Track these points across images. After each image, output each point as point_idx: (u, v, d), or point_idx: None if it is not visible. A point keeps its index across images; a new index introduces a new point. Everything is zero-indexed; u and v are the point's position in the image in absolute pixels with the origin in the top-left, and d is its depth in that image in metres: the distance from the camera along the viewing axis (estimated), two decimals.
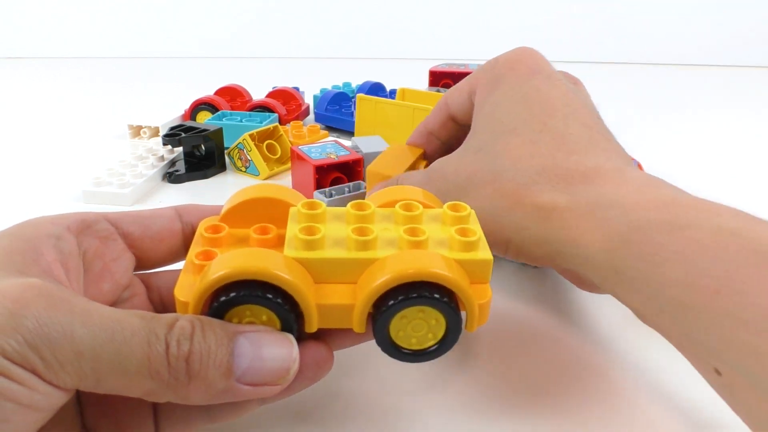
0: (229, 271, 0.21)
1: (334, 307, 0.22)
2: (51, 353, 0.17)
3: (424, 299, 0.21)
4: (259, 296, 0.21)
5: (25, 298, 0.18)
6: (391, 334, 0.22)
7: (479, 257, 0.23)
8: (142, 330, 0.19)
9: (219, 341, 0.20)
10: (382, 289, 0.21)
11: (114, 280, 0.24)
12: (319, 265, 0.22)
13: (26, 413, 0.17)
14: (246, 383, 0.20)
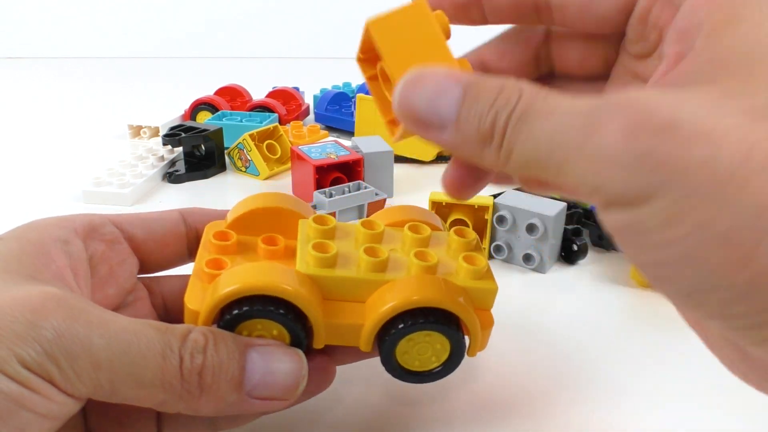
0: (242, 286, 0.21)
1: (344, 326, 0.22)
2: (68, 364, 0.17)
3: (434, 325, 0.22)
4: (272, 311, 0.21)
5: (44, 307, 0.18)
6: (396, 355, 0.23)
7: (486, 286, 0.23)
8: (157, 343, 0.19)
9: (231, 355, 0.20)
10: (391, 314, 0.22)
11: (119, 285, 0.25)
12: (330, 283, 0.23)
13: (42, 422, 0.18)
14: (256, 397, 0.20)
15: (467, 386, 0.29)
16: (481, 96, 0.18)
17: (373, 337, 0.22)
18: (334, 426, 0.27)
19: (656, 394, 0.29)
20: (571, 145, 0.16)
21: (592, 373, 0.30)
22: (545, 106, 0.17)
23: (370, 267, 0.23)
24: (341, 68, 1.20)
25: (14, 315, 0.17)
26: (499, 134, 0.17)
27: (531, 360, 0.31)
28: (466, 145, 0.18)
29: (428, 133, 0.19)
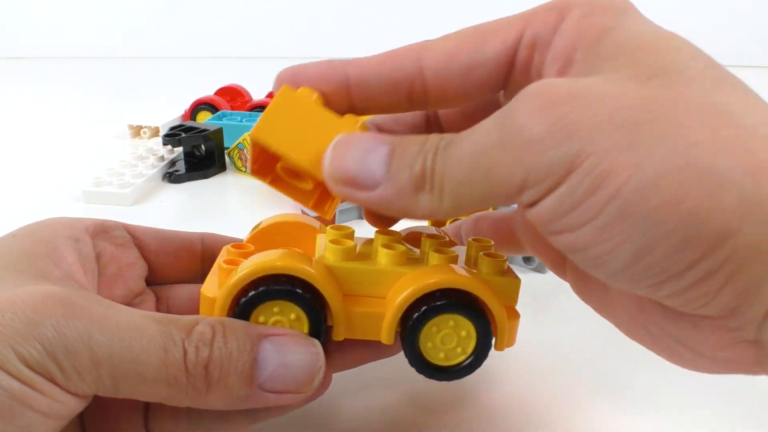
0: (261, 265, 0.21)
1: (364, 315, 0.22)
2: (69, 362, 0.17)
3: (458, 307, 0.21)
4: (289, 291, 0.21)
5: (45, 305, 0.18)
6: (420, 346, 0.22)
7: (509, 279, 0.23)
8: (158, 336, 0.18)
9: (241, 346, 0.19)
10: (415, 296, 0.21)
11: (127, 286, 0.24)
12: (349, 275, 0.22)
13: (46, 421, 0.17)
14: (269, 390, 0.20)
15: (467, 389, 0.29)
16: (409, 148, 0.18)
17: (396, 325, 0.22)
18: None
19: (663, 392, 0.29)
20: (492, 146, 0.16)
21: (597, 374, 0.30)
22: (463, 133, 0.17)
23: (390, 259, 0.22)
24: None
25: (15, 313, 0.17)
26: (430, 174, 0.17)
27: (531, 361, 0.31)
28: (400, 197, 0.18)
29: (361, 192, 0.19)
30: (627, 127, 0.15)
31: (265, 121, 0.21)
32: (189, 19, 1.31)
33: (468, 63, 0.20)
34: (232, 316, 0.21)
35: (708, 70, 0.17)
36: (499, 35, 0.20)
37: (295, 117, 0.21)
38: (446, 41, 0.21)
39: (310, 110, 0.21)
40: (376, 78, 0.21)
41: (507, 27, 0.20)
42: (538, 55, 0.20)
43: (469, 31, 0.21)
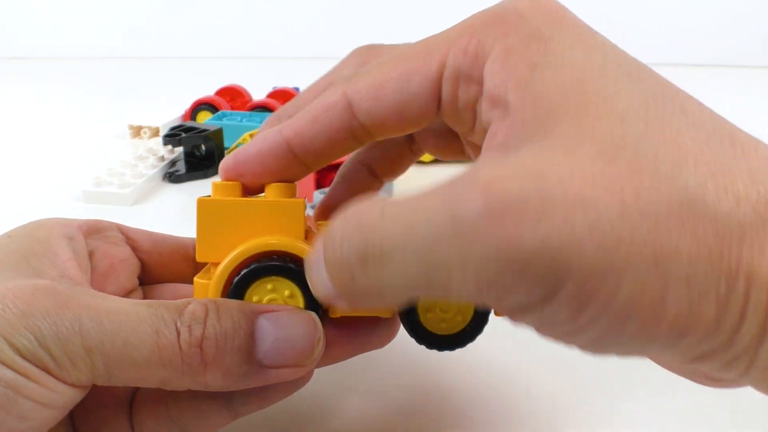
0: (254, 243, 0.21)
1: None
2: (61, 351, 0.17)
3: None
4: (282, 266, 0.21)
5: (35, 297, 0.18)
6: (420, 317, 0.22)
7: None
8: (149, 318, 0.18)
9: (236, 324, 0.19)
10: None
11: (119, 282, 0.25)
12: None
13: (42, 410, 0.18)
14: (269, 365, 0.19)
15: (464, 385, 0.29)
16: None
17: None
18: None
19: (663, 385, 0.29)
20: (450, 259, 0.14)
21: (597, 373, 0.30)
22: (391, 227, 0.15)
23: None
24: None
25: (6, 305, 0.18)
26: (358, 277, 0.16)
27: (531, 361, 0.31)
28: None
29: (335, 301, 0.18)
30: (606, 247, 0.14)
31: (200, 243, 0.21)
32: (189, 19, 1.31)
33: (396, 102, 0.20)
34: (226, 296, 0.21)
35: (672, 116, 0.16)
36: (421, 69, 0.19)
37: (222, 223, 0.21)
38: (373, 80, 0.20)
39: (233, 208, 0.21)
40: (315, 137, 0.21)
41: (426, 58, 0.19)
42: (463, 92, 0.19)
43: (390, 64, 0.20)
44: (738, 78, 1.13)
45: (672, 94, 0.17)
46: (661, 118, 0.16)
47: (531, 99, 0.17)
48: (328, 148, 0.21)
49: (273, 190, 0.22)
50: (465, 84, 0.19)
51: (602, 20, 1.26)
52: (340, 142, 0.21)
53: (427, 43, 0.20)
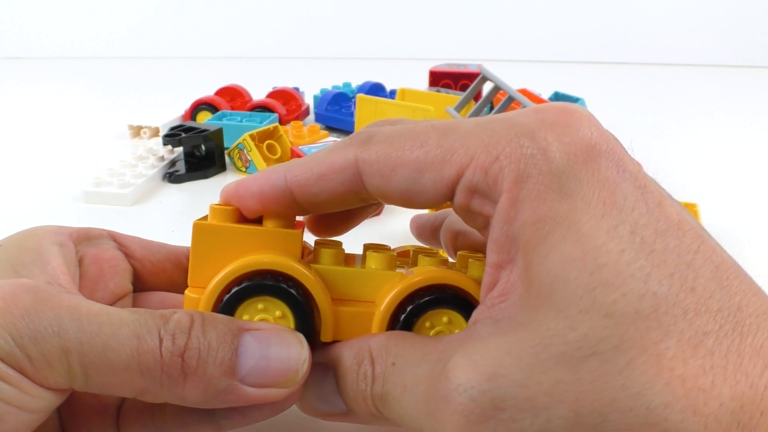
0: (247, 261, 0.20)
1: (353, 314, 0.21)
2: (38, 351, 0.17)
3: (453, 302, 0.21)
4: (273, 286, 0.20)
5: (14, 295, 0.18)
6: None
7: None
8: (131, 323, 0.18)
9: (221, 338, 0.19)
10: (410, 290, 0.21)
11: (108, 289, 0.24)
12: (337, 277, 0.22)
13: (20, 414, 0.17)
14: (250, 384, 0.19)
15: None
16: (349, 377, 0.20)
17: (386, 324, 0.21)
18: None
19: None
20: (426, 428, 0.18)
21: None
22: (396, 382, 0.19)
23: (379, 262, 0.22)
24: (341, 68, 1.20)
25: None
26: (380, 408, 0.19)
27: None
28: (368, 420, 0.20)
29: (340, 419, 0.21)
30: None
31: (193, 266, 0.21)
32: (189, 19, 1.31)
33: (405, 188, 0.19)
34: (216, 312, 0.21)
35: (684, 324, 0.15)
36: (436, 169, 0.19)
37: (218, 248, 0.21)
38: (385, 159, 0.19)
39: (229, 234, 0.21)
40: (321, 192, 0.20)
41: (443, 161, 0.19)
42: (477, 204, 0.19)
43: (407, 144, 0.19)
44: (738, 78, 1.13)
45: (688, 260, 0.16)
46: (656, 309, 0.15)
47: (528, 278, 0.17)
48: (330, 202, 0.21)
49: (272, 219, 0.22)
50: (480, 199, 0.19)
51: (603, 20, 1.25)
52: (345, 200, 0.21)
53: (447, 145, 0.19)
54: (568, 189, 0.17)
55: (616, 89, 1.04)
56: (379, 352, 0.19)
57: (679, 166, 0.61)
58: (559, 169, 0.17)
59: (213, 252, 0.21)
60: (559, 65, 1.23)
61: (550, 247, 0.16)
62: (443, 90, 0.72)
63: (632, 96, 0.98)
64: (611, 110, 0.82)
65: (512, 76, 0.67)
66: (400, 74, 0.98)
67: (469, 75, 0.75)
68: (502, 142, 0.18)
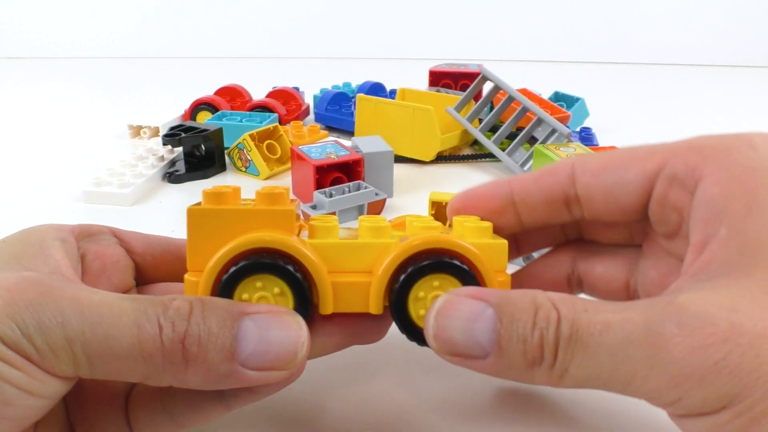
0: (243, 240, 0.21)
1: (350, 285, 0.22)
2: (43, 341, 0.17)
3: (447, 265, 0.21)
4: (270, 263, 0.20)
5: (18, 287, 0.18)
6: (411, 313, 0.22)
7: (494, 241, 0.23)
8: (131, 311, 0.18)
9: (221, 323, 0.19)
10: (404, 256, 0.21)
11: (111, 283, 0.25)
12: (332, 251, 0.22)
13: (27, 399, 0.18)
14: (251, 367, 0.19)
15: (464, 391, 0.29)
16: (518, 316, 0.18)
17: (383, 292, 0.22)
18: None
19: None
20: (638, 360, 0.17)
21: None
22: (594, 321, 0.18)
23: (373, 233, 0.22)
24: (341, 68, 1.20)
25: None
26: (551, 355, 0.18)
27: None
28: (512, 370, 0.19)
29: (470, 361, 0.19)
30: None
31: (191, 252, 0.21)
32: (189, 19, 1.31)
33: (611, 182, 0.22)
34: (215, 295, 0.21)
35: None
36: (640, 163, 0.22)
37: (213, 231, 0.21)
38: (598, 160, 0.23)
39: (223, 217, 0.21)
40: (537, 191, 0.24)
41: (649, 157, 0.22)
42: (674, 193, 0.21)
43: (617, 154, 0.23)
44: (738, 78, 1.13)
45: None
46: None
47: (740, 240, 0.19)
48: (542, 204, 0.24)
49: (262, 197, 0.22)
50: (678, 188, 0.21)
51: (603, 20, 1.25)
52: (554, 203, 0.24)
53: (650, 147, 0.22)
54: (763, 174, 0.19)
55: (616, 89, 1.04)
56: (563, 299, 0.19)
57: None
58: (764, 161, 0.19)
59: (209, 235, 0.21)
60: (559, 65, 1.23)
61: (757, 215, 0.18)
62: (443, 90, 0.72)
63: (632, 96, 0.98)
64: (611, 110, 0.82)
65: (512, 76, 0.67)
66: (400, 74, 0.98)
67: (469, 75, 0.75)
68: (704, 144, 0.21)
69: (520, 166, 0.57)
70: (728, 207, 0.19)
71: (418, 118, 0.59)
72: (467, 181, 0.57)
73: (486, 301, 0.19)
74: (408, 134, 0.60)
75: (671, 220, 0.22)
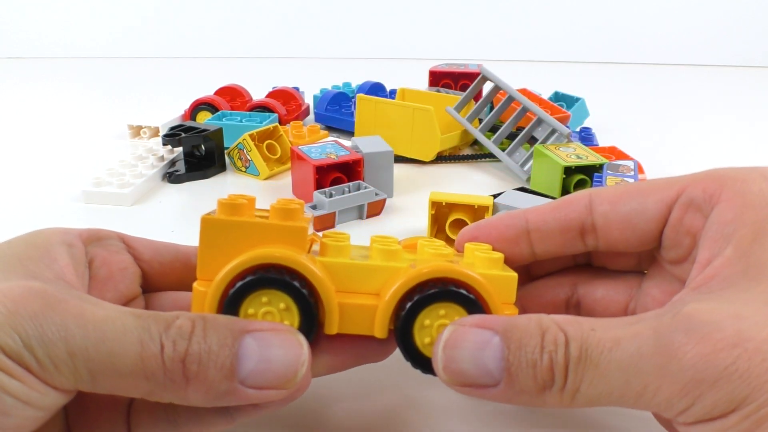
0: (252, 255, 0.21)
1: (357, 308, 0.22)
2: (45, 354, 0.17)
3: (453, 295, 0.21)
4: (277, 279, 0.20)
5: (23, 298, 0.18)
6: (416, 340, 0.22)
7: (504, 273, 0.23)
8: (135, 329, 0.18)
9: (222, 341, 0.19)
10: (411, 284, 0.21)
11: (118, 290, 0.25)
12: (342, 271, 0.22)
13: (26, 410, 0.18)
14: (250, 386, 0.19)
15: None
16: (526, 342, 0.19)
17: (389, 317, 0.22)
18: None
19: None
20: (649, 372, 0.17)
21: None
22: (604, 339, 0.18)
23: (383, 255, 0.22)
24: (341, 68, 1.20)
25: None
26: (561, 377, 0.18)
27: None
28: (523, 395, 0.19)
29: (480, 392, 0.19)
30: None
31: (202, 260, 0.21)
32: (189, 19, 1.31)
33: (630, 210, 0.23)
34: (222, 308, 0.21)
35: None
36: (659, 192, 0.23)
37: (225, 242, 0.21)
38: (615, 190, 0.24)
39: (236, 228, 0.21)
40: (553, 220, 0.24)
41: (668, 187, 0.23)
42: (690, 218, 0.22)
43: (635, 185, 0.24)
44: (738, 78, 1.13)
45: None
46: None
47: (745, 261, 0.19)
48: (557, 233, 0.24)
49: (277, 212, 0.22)
50: (694, 213, 0.22)
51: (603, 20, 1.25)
52: (569, 232, 0.24)
53: (670, 177, 0.23)
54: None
55: (616, 89, 1.04)
56: (568, 321, 0.19)
57: (679, 165, 0.61)
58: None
59: (220, 245, 0.21)
60: (559, 65, 1.23)
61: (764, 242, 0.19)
62: (443, 90, 0.72)
63: (632, 96, 0.98)
64: (611, 110, 0.82)
65: (512, 76, 0.67)
66: (400, 74, 0.98)
67: (469, 75, 0.75)
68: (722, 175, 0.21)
69: (520, 166, 0.57)
70: (738, 231, 0.20)
71: (418, 118, 0.59)
72: (467, 181, 0.57)
73: (492, 329, 0.19)
74: (408, 134, 0.60)
75: (683, 244, 0.22)
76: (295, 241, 0.21)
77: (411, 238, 0.28)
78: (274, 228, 0.21)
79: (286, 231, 0.21)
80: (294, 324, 0.21)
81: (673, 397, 0.17)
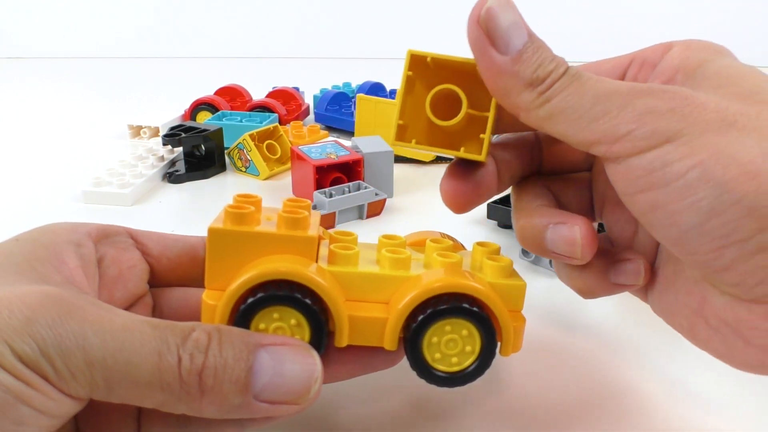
0: (261, 271, 0.21)
1: (366, 321, 0.22)
2: (62, 362, 0.17)
3: (461, 310, 0.21)
4: (287, 296, 0.20)
5: (41, 305, 0.18)
6: (424, 352, 0.22)
7: (514, 282, 0.23)
8: (153, 340, 0.18)
9: (237, 355, 0.19)
10: (421, 298, 0.21)
11: (127, 288, 0.24)
12: (352, 280, 0.22)
13: (40, 418, 0.18)
14: (263, 400, 0.19)
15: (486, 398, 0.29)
16: (544, 49, 0.21)
17: (398, 331, 0.22)
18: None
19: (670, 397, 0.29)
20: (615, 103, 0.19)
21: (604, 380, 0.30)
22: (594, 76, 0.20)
23: (393, 264, 0.22)
24: (341, 68, 1.20)
25: (12, 310, 0.17)
26: (549, 82, 0.20)
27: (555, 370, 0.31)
28: (511, 79, 0.20)
29: (490, 48, 0.21)
30: (724, 122, 0.18)
31: (210, 270, 0.22)
32: (189, 19, 1.31)
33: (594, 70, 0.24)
34: (232, 322, 0.21)
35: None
36: (613, 60, 0.25)
37: (233, 252, 0.21)
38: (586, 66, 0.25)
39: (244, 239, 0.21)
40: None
41: (623, 56, 0.25)
42: (643, 73, 0.23)
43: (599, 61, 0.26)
44: None
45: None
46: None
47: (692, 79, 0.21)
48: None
49: (284, 221, 0.22)
50: (647, 69, 0.23)
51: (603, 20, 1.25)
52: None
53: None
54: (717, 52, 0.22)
55: None
56: None
57: None
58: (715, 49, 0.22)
59: (229, 255, 0.21)
60: None
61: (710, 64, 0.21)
62: None
63: None
64: None
65: None
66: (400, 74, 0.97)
67: None
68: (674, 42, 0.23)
69: None
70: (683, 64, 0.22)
71: None
72: None
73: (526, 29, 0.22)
74: None
75: None
76: (304, 251, 0.21)
77: (417, 233, 0.28)
78: (283, 238, 0.21)
79: (294, 241, 0.21)
80: (305, 338, 0.21)
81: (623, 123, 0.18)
